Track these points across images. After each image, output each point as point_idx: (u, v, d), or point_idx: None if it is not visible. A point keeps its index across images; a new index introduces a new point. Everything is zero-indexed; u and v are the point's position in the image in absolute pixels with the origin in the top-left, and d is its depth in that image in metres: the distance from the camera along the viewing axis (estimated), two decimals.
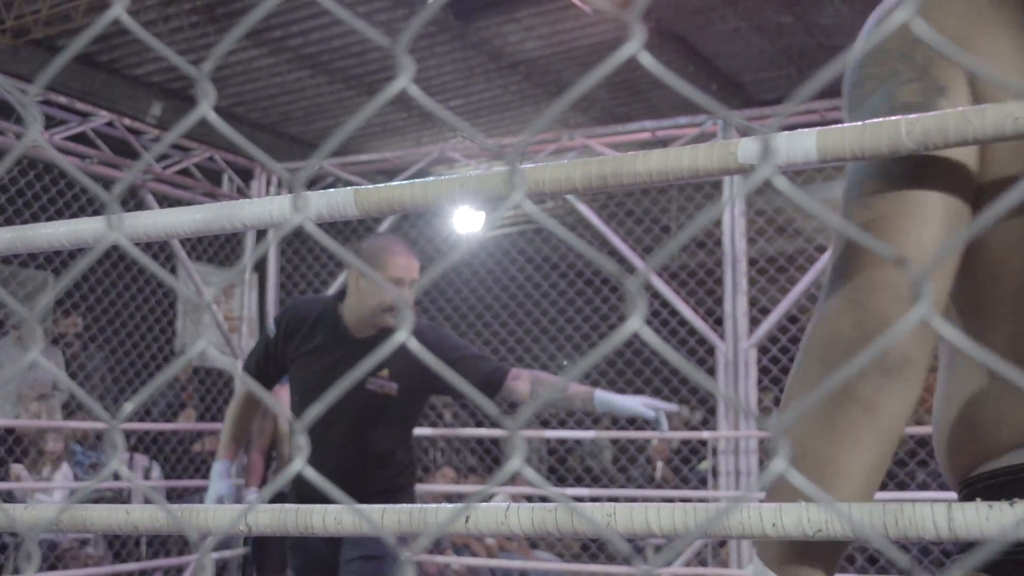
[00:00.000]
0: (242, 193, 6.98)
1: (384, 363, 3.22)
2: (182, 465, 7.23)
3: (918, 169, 1.06)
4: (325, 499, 1.09)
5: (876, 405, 0.99)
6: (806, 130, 0.98)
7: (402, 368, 3.18)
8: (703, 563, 6.26)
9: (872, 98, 1.12)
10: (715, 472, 5.83)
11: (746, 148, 0.97)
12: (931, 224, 1.04)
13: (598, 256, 0.55)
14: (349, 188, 1.08)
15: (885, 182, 1.08)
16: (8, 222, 5.79)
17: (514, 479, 6.47)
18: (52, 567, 6.01)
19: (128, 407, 0.81)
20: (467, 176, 1.00)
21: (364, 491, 3.25)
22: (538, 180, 0.99)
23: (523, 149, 0.64)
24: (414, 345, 0.57)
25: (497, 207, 0.85)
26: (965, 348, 0.54)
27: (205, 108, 0.75)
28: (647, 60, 0.62)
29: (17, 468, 6.40)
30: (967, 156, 1.06)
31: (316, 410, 0.64)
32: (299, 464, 0.64)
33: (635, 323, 0.56)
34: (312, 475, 0.62)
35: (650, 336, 0.53)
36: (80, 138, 6.00)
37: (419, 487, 3.88)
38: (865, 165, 1.11)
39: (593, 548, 8.06)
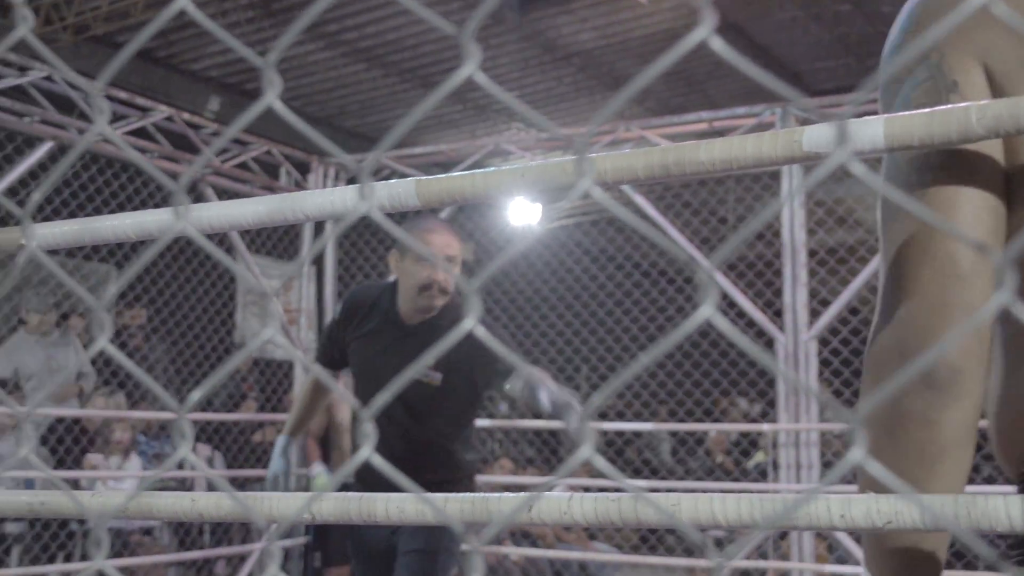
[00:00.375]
0: (299, 186, 7.02)
1: (426, 346, 3.13)
2: (243, 455, 7.29)
3: (959, 165, 1.05)
4: (388, 488, 1.10)
5: (932, 419, 0.98)
6: (873, 117, 0.97)
7: (447, 359, 3.12)
8: (764, 556, 6.22)
9: (895, 100, 1.11)
10: (775, 465, 5.78)
11: (812, 136, 0.95)
12: (981, 219, 1.03)
13: (670, 244, 0.55)
14: (411, 179, 1.09)
15: (930, 178, 1.06)
16: (72, 216, 5.86)
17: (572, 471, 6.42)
18: (118, 555, 6.12)
19: (195, 395, 0.82)
20: (529, 166, 1.00)
21: (419, 482, 3.20)
22: (601, 170, 0.98)
23: (591, 136, 0.63)
24: (480, 332, 0.57)
25: (560, 196, 0.86)
26: None
27: (271, 97, 0.75)
28: (718, 44, 0.62)
29: (95, 458, 6.53)
30: (994, 149, 1.05)
31: (383, 398, 0.64)
32: (367, 452, 0.65)
33: (707, 310, 0.55)
34: (379, 462, 0.62)
35: (722, 324, 0.53)
36: (140, 133, 6.07)
37: (477, 478, 3.87)
38: (903, 162, 1.09)
39: (652, 540, 8.10)
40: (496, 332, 3.50)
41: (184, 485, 6.81)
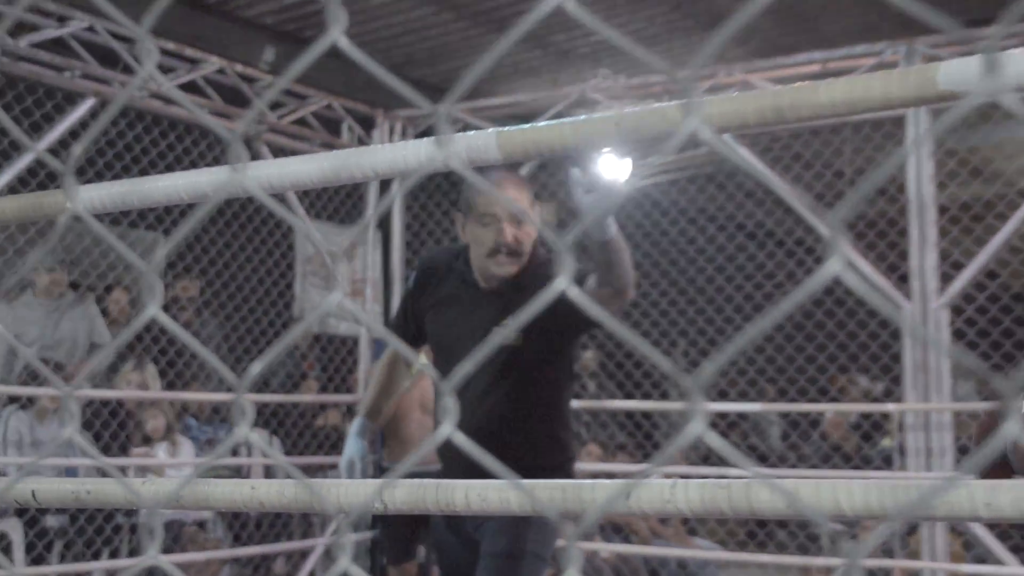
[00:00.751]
0: (363, 143, 7.06)
1: (507, 311, 3.09)
2: (304, 441, 7.36)
3: None
4: (467, 473, 1.10)
5: None
6: (1018, 50, 0.94)
7: (531, 321, 3.04)
8: (889, 554, 6.12)
9: None
10: (901, 451, 5.67)
11: (951, 71, 0.93)
12: None
13: (786, 191, 0.54)
14: (491, 130, 1.09)
15: None
16: (116, 179, 5.99)
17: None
18: (167, 550, 6.25)
19: (255, 368, 0.81)
20: (626, 112, 1.00)
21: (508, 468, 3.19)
22: (708, 115, 0.97)
23: (699, 74, 0.63)
24: (573, 293, 0.56)
25: (659, 147, 0.85)
26: None
27: (336, 33, 0.76)
28: None
29: (140, 449, 6.65)
30: None
31: (464, 368, 0.64)
32: (448, 429, 0.65)
33: (834, 265, 0.53)
34: (462, 440, 0.62)
35: (853, 281, 0.51)
36: (190, 87, 6.19)
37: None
38: None
39: (760, 535, 8.09)
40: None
41: (240, 474, 6.95)
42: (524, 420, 3.27)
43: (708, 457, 8.86)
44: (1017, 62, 0.91)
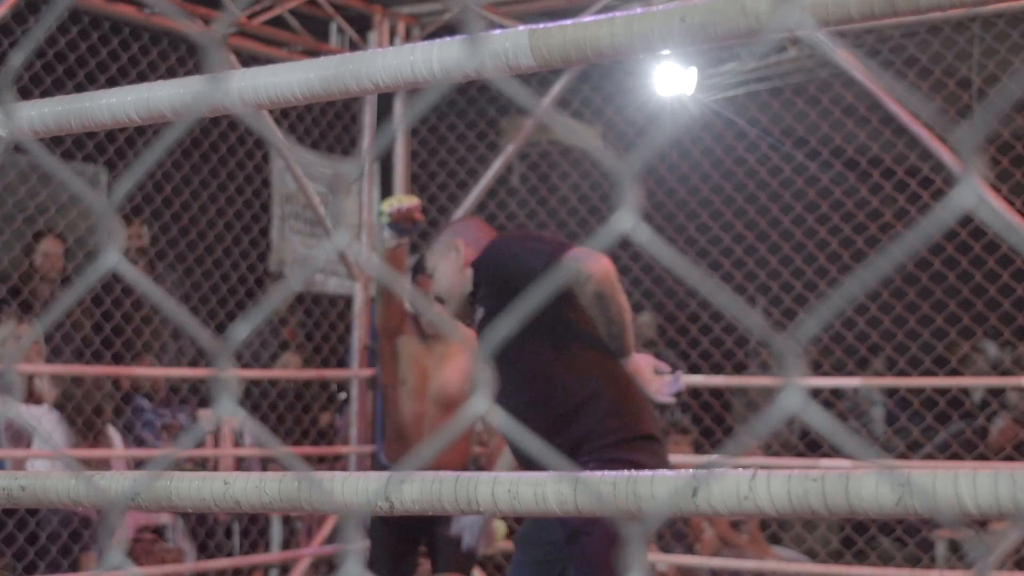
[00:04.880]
0: (355, 48, 7.17)
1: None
2: (284, 427, 7.49)
3: None
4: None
5: None
6: None
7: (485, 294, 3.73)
8: (1022, 565, 6.11)
9: None
10: None
11: None
12: None
13: (897, 106, 0.54)
14: (523, 28, 1.09)
15: None
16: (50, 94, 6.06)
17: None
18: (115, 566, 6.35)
19: (239, 333, 0.82)
20: (692, 5, 1.00)
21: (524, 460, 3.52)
22: (802, 6, 0.96)
23: None
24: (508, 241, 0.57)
25: (735, 51, 0.85)
26: None
27: None
28: None
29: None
30: None
31: (507, 326, 0.65)
32: (483, 403, 0.66)
33: (965, 195, 0.52)
34: (499, 418, 0.64)
35: (988, 214, 0.52)
36: None
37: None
38: None
39: (861, 542, 8.08)
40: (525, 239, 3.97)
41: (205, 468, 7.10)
42: (508, 400, 3.55)
43: (796, 447, 8.94)
44: None
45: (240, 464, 7.37)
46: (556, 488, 0.96)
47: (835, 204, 8.72)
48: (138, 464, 6.75)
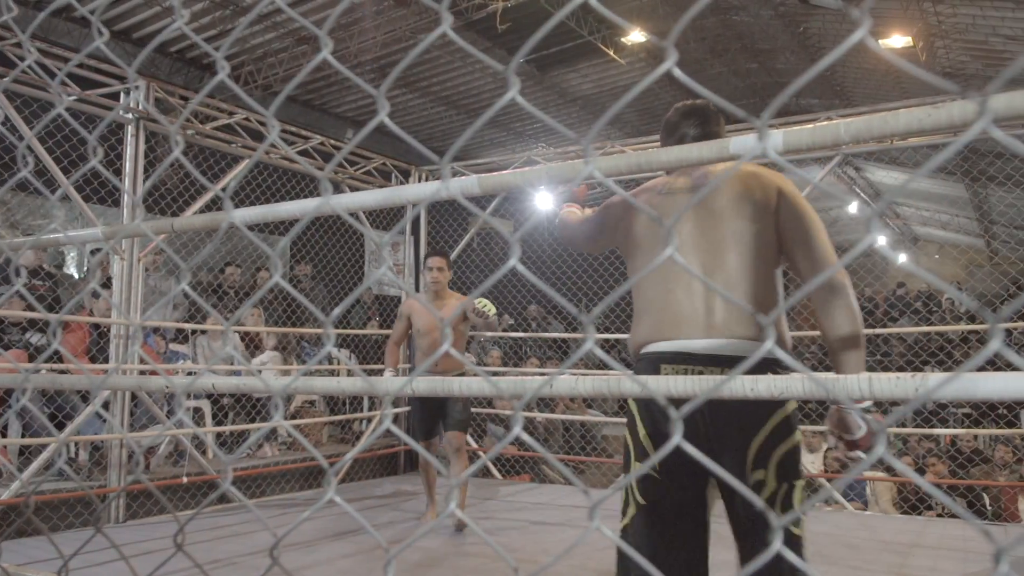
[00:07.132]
0: (403, 184, 7.21)
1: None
2: (370, 357, 10.19)
3: None
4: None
5: None
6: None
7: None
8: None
9: None
10: None
11: (740, 144, 1.38)
12: None
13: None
14: (475, 176, 1.56)
15: None
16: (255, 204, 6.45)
17: None
18: (293, 417, 8.74)
19: (336, 312, 1.38)
20: (552, 165, 1.56)
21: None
22: (600, 167, 1.43)
23: (592, 141, 1.15)
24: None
25: (573, 184, 1.60)
26: None
27: (382, 115, 1.17)
28: (678, 72, 0.82)
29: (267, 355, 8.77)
30: None
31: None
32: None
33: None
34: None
35: None
36: (303, 153, 8.22)
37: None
38: None
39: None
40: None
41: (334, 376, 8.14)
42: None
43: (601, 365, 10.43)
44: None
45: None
46: (484, 382, 1.42)
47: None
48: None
